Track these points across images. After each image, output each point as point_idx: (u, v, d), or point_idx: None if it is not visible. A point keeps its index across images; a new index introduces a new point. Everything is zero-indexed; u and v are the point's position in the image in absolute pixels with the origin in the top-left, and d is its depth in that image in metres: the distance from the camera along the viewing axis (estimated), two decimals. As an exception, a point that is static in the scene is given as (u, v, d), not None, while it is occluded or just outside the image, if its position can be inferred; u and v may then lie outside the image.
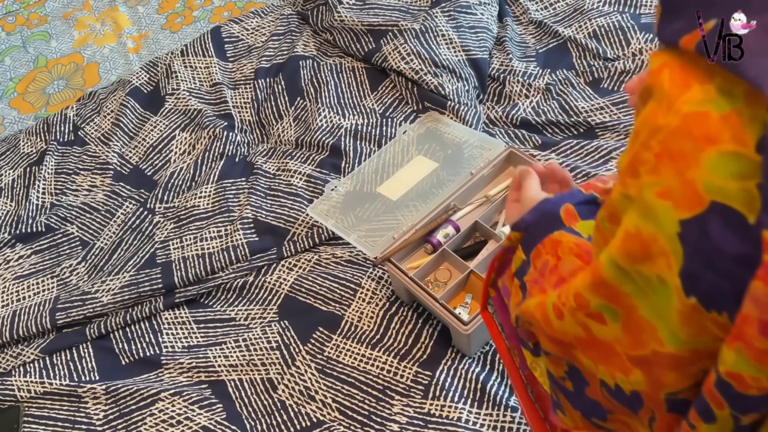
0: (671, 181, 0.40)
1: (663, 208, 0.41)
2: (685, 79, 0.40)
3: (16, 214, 1.62)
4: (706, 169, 0.39)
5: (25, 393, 1.28)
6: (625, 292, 0.45)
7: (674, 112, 0.40)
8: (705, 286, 0.41)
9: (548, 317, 0.53)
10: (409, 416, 1.14)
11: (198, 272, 1.38)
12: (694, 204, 0.39)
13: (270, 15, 1.93)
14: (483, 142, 1.36)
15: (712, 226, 0.39)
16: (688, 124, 0.39)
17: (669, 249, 0.41)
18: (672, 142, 0.40)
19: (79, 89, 1.96)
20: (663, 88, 0.41)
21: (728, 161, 0.38)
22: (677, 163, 0.40)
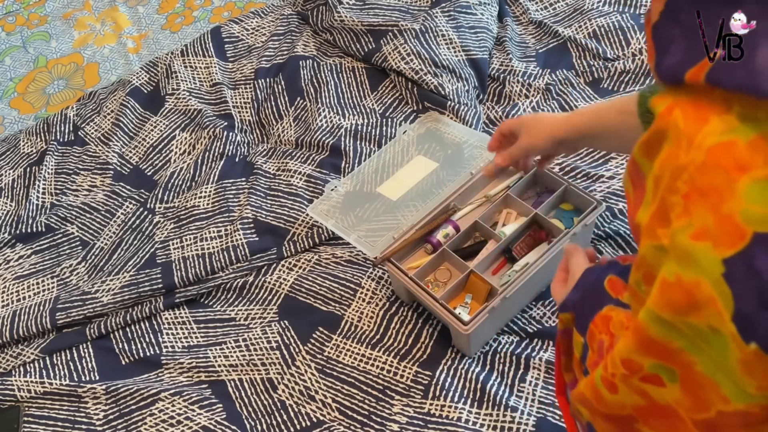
0: (706, 219, 0.37)
1: (702, 250, 0.38)
2: (701, 113, 0.38)
3: (16, 214, 1.62)
4: (743, 198, 0.36)
5: (25, 393, 1.28)
6: (678, 348, 0.42)
7: (696, 148, 0.38)
8: (765, 328, 0.37)
9: (600, 393, 0.49)
10: (409, 416, 1.14)
11: (198, 272, 1.38)
12: (735, 239, 0.37)
13: (270, 15, 1.93)
14: (483, 142, 1.36)
15: (760, 260, 0.36)
16: (715, 156, 0.37)
17: (716, 293, 0.38)
18: (700, 179, 0.38)
19: (79, 89, 1.96)
20: (678, 127, 0.39)
21: (765, 187, 0.36)
22: (710, 199, 0.37)
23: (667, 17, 0.42)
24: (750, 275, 0.37)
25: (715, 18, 0.39)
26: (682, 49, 0.40)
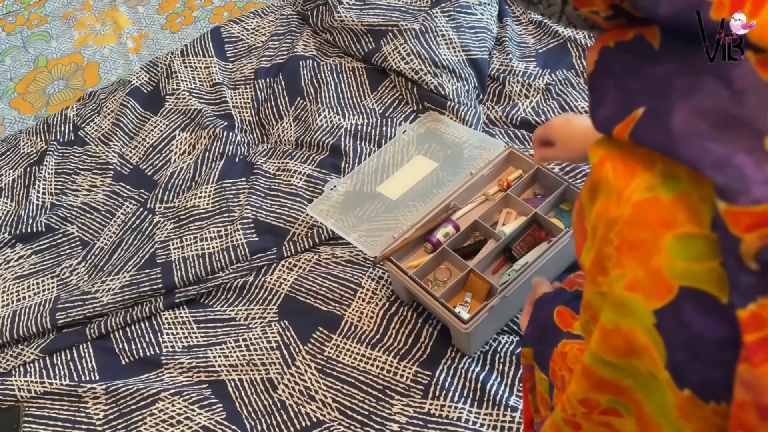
0: (636, 272, 0.39)
1: (634, 301, 0.39)
2: (629, 168, 0.40)
3: (17, 214, 1.62)
4: (668, 254, 0.38)
5: (25, 393, 1.28)
6: (628, 386, 0.44)
7: (624, 202, 0.39)
8: (695, 376, 0.39)
9: None
10: (409, 416, 1.14)
11: (198, 272, 1.38)
12: (663, 292, 0.38)
13: (270, 15, 1.93)
14: (483, 142, 1.36)
15: (687, 312, 0.38)
16: (641, 212, 0.39)
17: (650, 342, 0.40)
18: (629, 233, 0.39)
19: (79, 89, 1.96)
20: (609, 180, 0.41)
21: (688, 243, 0.37)
22: (639, 253, 0.39)
23: (601, 68, 0.43)
24: (679, 326, 0.38)
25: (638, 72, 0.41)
26: (614, 102, 0.41)
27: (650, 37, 0.42)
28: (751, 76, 0.36)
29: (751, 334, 0.36)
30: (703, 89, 0.38)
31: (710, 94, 0.37)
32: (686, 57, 0.39)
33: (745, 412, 0.37)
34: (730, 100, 0.37)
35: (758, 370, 0.36)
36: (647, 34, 0.42)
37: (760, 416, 0.37)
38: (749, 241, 0.35)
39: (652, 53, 0.41)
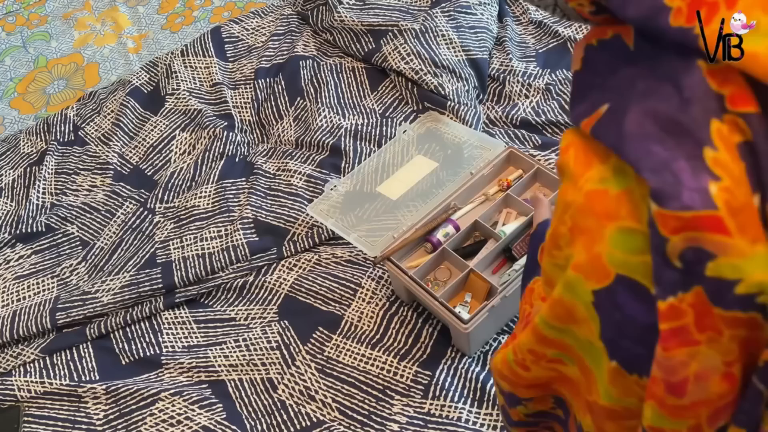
0: (581, 255, 0.43)
1: (577, 280, 0.43)
2: (587, 158, 0.43)
3: (17, 214, 1.62)
4: (609, 244, 0.41)
5: (25, 393, 1.28)
6: (570, 344, 0.48)
7: (579, 189, 0.43)
8: (623, 352, 0.44)
9: (516, 371, 0.55)
10: (409, 416, 1.14)
11: (198, 272, 1.38)
12: (601, 276, 0.42)
13: (270, 15, 1.93)
14: (483, 142, 1.36)
15: (621, 297, 0.42)
16: (590, 201, 0.42)
17: (588, 316, 0.44)
18: (579, 218, 0.43)
19: (80, 89, 1.96)
20: (570, 166, 0.44)
21: (627, 237, 0.40)
22: (585, 238, 0.42)
23: (585, 65, 0.46)
24: (613, 308, 0.42)
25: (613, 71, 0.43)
26: (588, 98, 0.44)
27: (626, 37, 0.44)
28: (699, 85, 0.38)
29: (666, 323, 0.40)
30: (659, 93, 0.40)
31: (664, 98, 0.39)
32: (653, 60, 0.41)
33: (656, 385, 0.42)
34: (679, 106, 0.39)
35: (668, 354, 0.40)
36: (624, 34, 0.44)
37: (668, 390, 0.42)
38: (675, 242, 0.38)
39: (628, 54, 0.43)
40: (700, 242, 0.38)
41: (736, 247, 0.37)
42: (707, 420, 0.43)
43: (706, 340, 0.40)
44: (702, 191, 0.37)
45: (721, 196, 0.37)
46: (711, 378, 0.41)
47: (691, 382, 0.41)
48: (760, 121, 0.38)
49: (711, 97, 0.38)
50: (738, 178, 0.37)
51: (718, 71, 0.38)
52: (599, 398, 0.48)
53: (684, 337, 0.40)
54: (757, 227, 0.37)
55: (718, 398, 0.42)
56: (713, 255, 0.38)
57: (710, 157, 0.37)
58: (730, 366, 0.41)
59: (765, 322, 0.39)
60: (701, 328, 0.40)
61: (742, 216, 0.37)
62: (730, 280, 0.38)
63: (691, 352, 0.40)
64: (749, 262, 0.37)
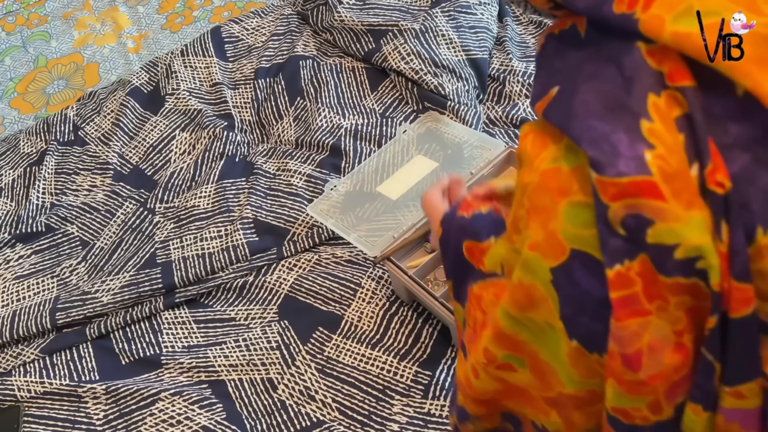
0: (538, 233, 0.43)
1: (534, 259, 0.44)
2: (542, 140, 0.44)
3: (16, 214, 1.62)
4: (563, 219, 0.42)
5: (25, 393, 1.28)
6: (524, 340, 0.49)
7: (534, 170, 0.44)
8: (582, 329, 0.44)
9: (469, 379, 0.56)
10: (409, 416, 1.14)
11: (198, 272, 1.38)
12: (558, 253, 0.43)
13: (270, 15, 1.93)
14: (483, 142, 1.36)
15: (577, 272, 0.43)
16: (545, 179, 0.43)
17: (547, 295, 0.45)
18: (535, 198, 0.44)
19: (79, 89, 1.96)
20: (527, 150, 0.45)
21: (579, 211, 0.41)
22: (541, 216, 0.43)
23: (543, 52, 0.48)
24: (570, 284, 0.43)
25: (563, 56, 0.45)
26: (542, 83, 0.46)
27: (579, 26, 0.46)
28: (639, 64, 0.41)
29: (616, 292, 0.41)
30: (603, 74, 0.42)
31: (607, 79, 0.41)
32: (600, 45, 0.43)
33: (613, 360, 0.43)
34: (620, 85, 0.41)
35: (620, 323, 0.41)
36: (578, 23, 0.46)
37: (624, 364, 0.42)
38: (615, 208, 0.39)
39: (579, 41, 0.45)
40: (638, 209, 0.39)
41: (671, 212, 0.39)
42: (665, 396, 0.44)
43: (656, 310, 0.41)
44: (637, 158, 0.39)
45: (655, 163, 0.38)
46: (664, 349, 0.42)
47: (645, 354, 0.42)
48: (696, 94, 0.39)
49: (650, 74, 0.40)
50: (672, 147, 0.39)
51: (657, 51, 0.40)
52: (563, 387, 0.48)
53: (635, 307, 0.41)
54: (692, 193, 0.39)
55: (673, 371, 0.43)
56: (651, 221, 0.39)
57: (646, 127, 0.39)
58: (680, 336, 0.42)
59: (708, 290, 0.40)
60: (650, 297, 0.41)
61: (677, 182, 0.39)
62: (669, 246, 0.39)
63: (642, 323, 0.41)
64: (685, 226, 0.39)
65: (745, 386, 0.42)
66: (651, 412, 0.44)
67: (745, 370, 0.42)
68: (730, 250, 0.39)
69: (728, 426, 0.44)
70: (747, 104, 0.38)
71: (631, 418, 0.45)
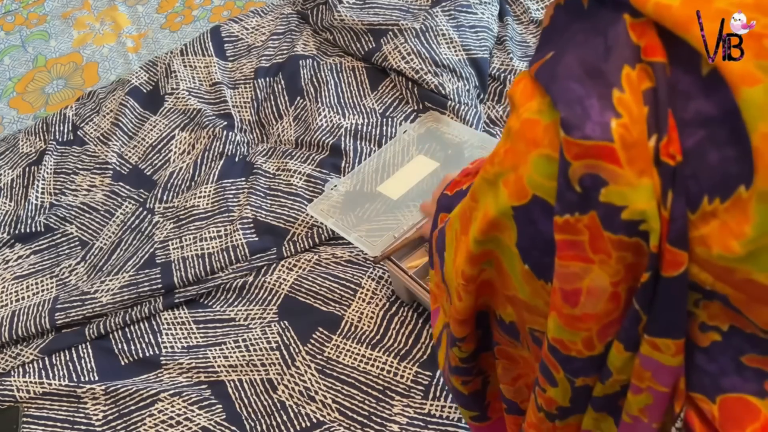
0: (509, 174, 0.48)
1: (503, 194, 0.49)
2: (531, 91, 0.48)
3: (15, 214, 1.61)
4: (531, 167, 0.46)
5: (24, 393, 1.28)
6: (491, 249, 0.54)
7: (518, 117, 0.47)
8: (534, 259, 0.50)
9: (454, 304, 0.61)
10: (409, 417, 1.14)
11: (198, 272, 1.38)
12: (521, 195, 0.48)
13: (270, 14, 1.93)
14: (484, 142, 1.36)
15: (535, 214, 0.48)
16: (524, 128, 0.47)
17: (509, 225, 0.50)
18: (515, 142, 0.48)
19: (79, 89, 1.95)
20: (516, 96, 0.49)
21: (545, 163, 0.45)
22: (514, 160, 0.48)
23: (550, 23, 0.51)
24: (528, 222, 0.49)
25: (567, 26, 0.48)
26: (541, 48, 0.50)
27: None
28: (621, 36, 0.43)
29: (561, 235, 0.46)
30: (590, 43, 0.45)
31: (593, 47, 0.44)
32: (596, 16, 0.46)
33: (554, 295, 0.49)
34: (602, 54, 0.44)
35: (563, 262, 0.47)
36: None
37: (563, 298, 0.48)
38: (576, 167, 0.43)
39: (581, 11, 0.47)
40: (596, 169, 0.43)
41: (624, 177, 0.42)
42: (597, 334, 0.49)
43: (598, 261, 0.46)
44: (603, 125, 0.42)
45: (618, 131, 0.42)
46: (601, 296, 0.47)
47: (584, 295, 0.47)
48: (664, 70, 0.42)
49: (628, 47, 0.43)
50: (636, 118, 0.42)
51: (639, 25, 0.43)
52: (517, 293, 0.54)
53: (579, 253, 0.46)
54: (646, 162, 0.42)
55: (605, 315, 0.48)
56: (605, 182, 0.43)
57: (617, 97, 0.42)
58: (616, 286, 0.47)
59: (647, 249, 0.44)
60: (595, 249, 0.45)
61: (634, 150, 0.42)
62: (617, 206, 0.43)
63: (585, 268, 0.46)
64: (634, 191, 0.42)
65: (661, 340, 0.48)
66: (584, 347, 0.50)
67: (665, 326, 0.47)
68: (670, 216, 0.43)
69: (642, 372, 0.50)
70: (710, 82, 0.41)
71: (567, 350, 0.51)
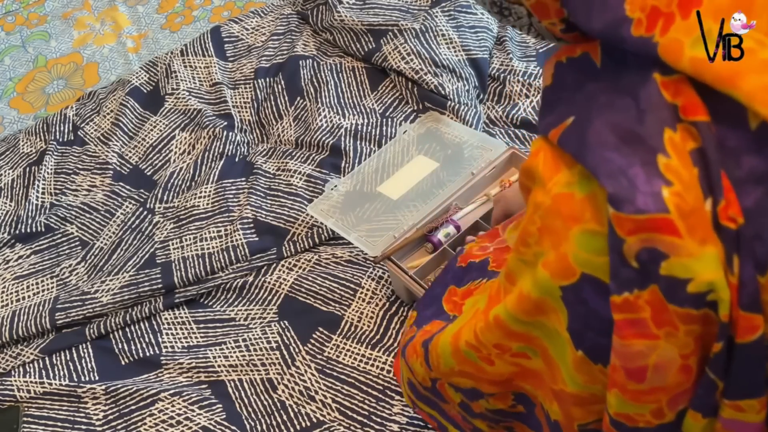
0: (549, 254, 0.45)
1: (546, 277, 0.46)
2: (555, 163, 0.45)
3: (16, 214, 1.62)
4: (574, 244, 0.44)
5: (24, 393, 1.28)
6: (536, 336, 0.51)
7: (547, 192, 0.45)
8: (588, 343, 0.47)
9: (481, 367, 0.58)
10: (409, 416, 1.14)
11: (198, 272, 1.38)
12: (568, 274, 0.45)
13: (270, 15, 1.93)
14: (483, 143, 1.36)
15: (586, 293, 0.45)
16: (557, 203, 0.44)
17: (557, 308, 0.47)
18: (547, 219, 0.45)
19: (79, 89, 1.96)
20: (539, 170, 0.46)
21: (591, 239, 0.43)
22: (552, 238, 0.45)
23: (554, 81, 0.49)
24: (579, 302, 0.46)
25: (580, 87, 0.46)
26: (556, 112, 0.47)
27: (593, 54, 0.46)
28: (654, 96, 0.41)
29: (620, 315, 0.43)
30: (618, 105, 0.42)
31: (623, 110, 0.42)
32: (616, 75, 0.44)
33: (617, 373, 0.45)
34: (636, 117, 0.41)
35: (625, 341, 0.44)
36: (591, 52, 0.47)
37: (628, 376, 0.45)
38: (631, 242, 0.41)
39: (594, 70, 0.45)
40: (653, 243, 0.40)
41: (685, 248, 0.40)
42: (667, 404, 0.46)
43: (664, 335, 0.43)
44: (655, 195, 0.40)
45: (672, 200, 0.39)
46: (669, 369, 0.44)
47: (650, 371, 0.44)
48: (709, 129, 0.40)
49: (665, 108, 0.41)
50: (688, 183, 0.40)
51: (671, 83, 0.41)
52: (566, 386, 0.51)
53: (642, 330, 0.43)
54: (706, 229, 0.40)
55: (675, 386, 0.45)
56: (666, 255, 0.40)
57: (663, 163, 0.40)
58: (686, 359, 0.44)
59: (716, 318, 0.42)
60: (659, 323, 0.42)
61: (692, 219, 0.40)
62: (681, 279, 0.40)
63: (650, 345, 0.43)
64: (698, 262, 0.40)
65: (744, 402, 0.44)
66: (654, 417, 0.47)
67: (746, 389, 0.44)
68: (740, 282, 0.40)
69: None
70: (761, 137, 0.39)
71: (634, 422, 0.47)
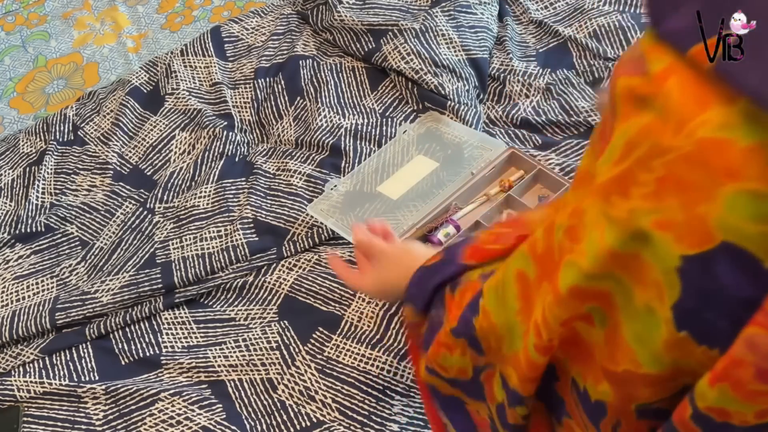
0: (675, 213, 0.36)
1: (662, 240, 0.37)
2: (701, 95, 0.34)
3: (16, 214, 1.62)
4: (723, 206, 0.34)
5: (24, 393, 1.28)
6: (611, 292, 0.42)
7: (686, 135, 0.34)
8: (701, 323, 0.38)
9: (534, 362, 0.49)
10: (409, 416, 1.14)
11: (198, 272, 1.38)
12: (701, 241, 0.35)
13: (270, 15, 1.93)
14: (483, 143, 1.36)
15: (721, 267, 0.35)
16: (704, 152, 0.34)
17: (663, 281, 0.38)
18: (682, 170, 0.35)
19: (79, 89, 1.96)
20: (671, 100, 0.35)
21: (751, 201, 0.33)
22: (686, 195, 0.35)
23: None
24: (705, 276, 0.36)
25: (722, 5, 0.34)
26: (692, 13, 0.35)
27: None
28: None
29: None
30: None
31: None
32: None
33: (741, 369, 0.36)
34: None
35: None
36: None
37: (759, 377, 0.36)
38: None
39: None
40: None
41: None
42: None
43: None
44: None
45: None
46: None
47: None
48: None
49: None
50: None
51: None
52: (639, 368, 0.41)
53: None
54: None
55: None
56: None
57: None
58: None
59: None
60: None
61: None
62: None
63: None
64: None
65: None
66: (756, 417, 0.39)
67: None
68: None
69: None
70: None
71: (728, 417, 0.39)
